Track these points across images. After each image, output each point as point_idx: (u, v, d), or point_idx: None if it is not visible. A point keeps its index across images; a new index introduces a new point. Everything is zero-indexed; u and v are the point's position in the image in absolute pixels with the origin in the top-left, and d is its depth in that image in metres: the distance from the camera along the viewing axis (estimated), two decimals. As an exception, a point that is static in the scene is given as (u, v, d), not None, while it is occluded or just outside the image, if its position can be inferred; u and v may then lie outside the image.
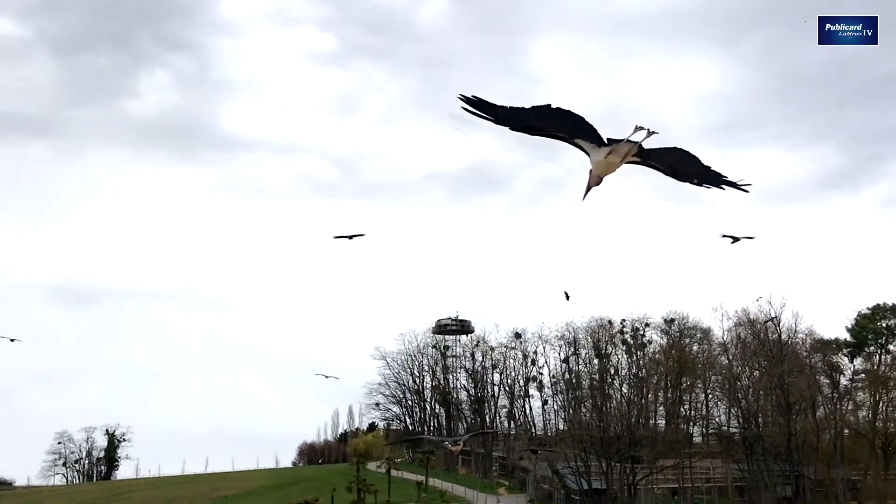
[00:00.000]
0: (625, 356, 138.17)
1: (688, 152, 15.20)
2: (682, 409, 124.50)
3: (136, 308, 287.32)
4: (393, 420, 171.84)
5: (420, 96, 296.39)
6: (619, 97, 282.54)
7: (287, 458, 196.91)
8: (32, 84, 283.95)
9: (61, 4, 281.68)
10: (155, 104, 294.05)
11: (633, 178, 15.62)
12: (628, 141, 14.72)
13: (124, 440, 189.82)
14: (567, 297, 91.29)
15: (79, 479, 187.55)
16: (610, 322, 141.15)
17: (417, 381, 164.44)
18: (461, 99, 14.53)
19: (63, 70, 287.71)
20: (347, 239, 50.37)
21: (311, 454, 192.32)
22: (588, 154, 15.50)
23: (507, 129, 15.15)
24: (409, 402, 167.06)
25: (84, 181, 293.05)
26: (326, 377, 49.79)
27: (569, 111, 14.59)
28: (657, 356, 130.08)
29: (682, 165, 15.40)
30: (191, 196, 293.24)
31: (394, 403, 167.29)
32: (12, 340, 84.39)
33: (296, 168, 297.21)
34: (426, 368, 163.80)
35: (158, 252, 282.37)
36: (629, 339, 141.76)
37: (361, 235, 50.59)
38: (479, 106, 14.70)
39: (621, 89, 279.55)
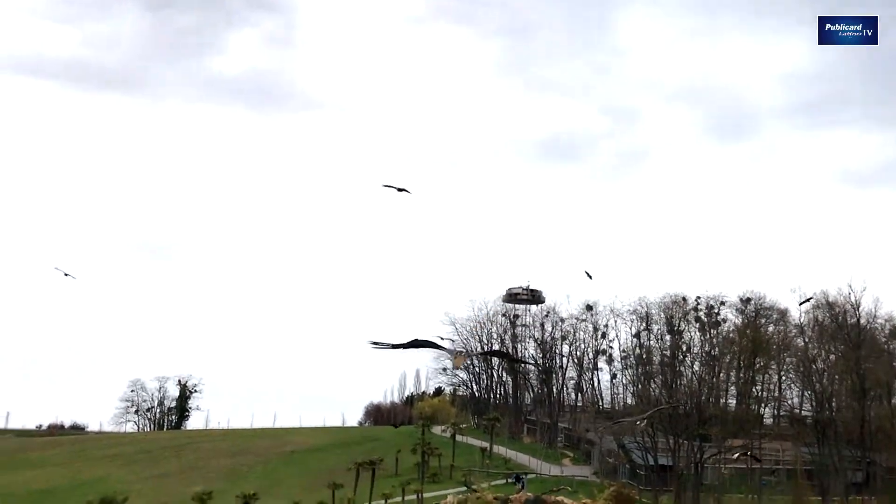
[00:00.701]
0: (697, 333, 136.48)
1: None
2: (753, 390, 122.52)
3: (212, 262, 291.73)
4: (460, 386, 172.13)
5: (502, 63, 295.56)
6: (702, 73, 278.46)
7: (353, 419, 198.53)
8: (121, 37, 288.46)
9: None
10: (240, 62, 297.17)
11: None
12: (462, 352, 30.77)
13: (196, 391, 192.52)
14: (589, 278, 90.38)
15: (150, 427, 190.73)
16: (684, 298, 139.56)
17: (486, 349, 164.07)
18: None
19: (152, 25, 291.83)
20: (396, 190, 50.79)
21: (377, 415, 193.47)
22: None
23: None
24: (477, 369, 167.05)
25: (165, 135, 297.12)
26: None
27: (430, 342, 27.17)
28: (731, 335, 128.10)
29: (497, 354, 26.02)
30: (268, 153, 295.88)
31: (461, 369, 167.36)
32: (66, 275, 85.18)
33: (372, 130, 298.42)
34: (495, 336, 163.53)
35: (235, 207, 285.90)
36: (703, 317, 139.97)
37: (407, 192, 50.96)
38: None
39: (705, 66, 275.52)
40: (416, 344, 26.08)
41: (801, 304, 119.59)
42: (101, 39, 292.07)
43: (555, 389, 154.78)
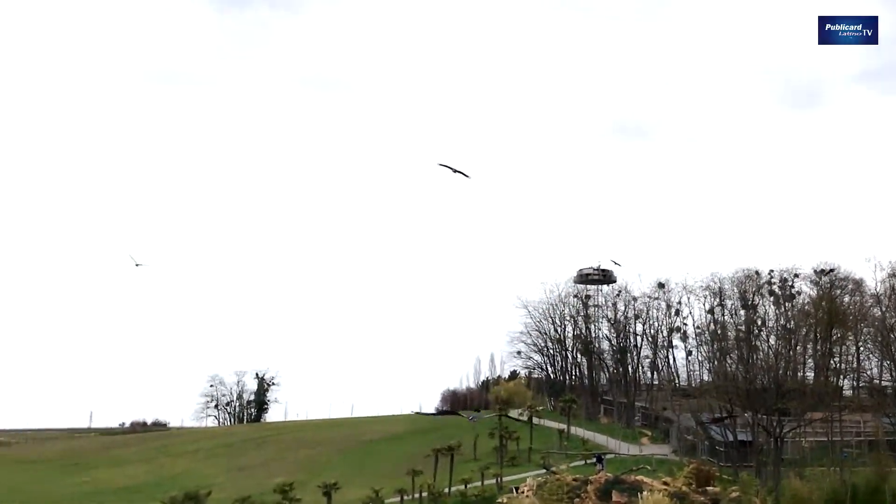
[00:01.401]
0: (772, 307, 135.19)
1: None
2: (832, 362, 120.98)
3: (286, 253, 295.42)
4: (535, 368, 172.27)
5: (569, 38, 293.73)
6: (771, 41, 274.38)
7: (430, 405, 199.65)
8: (192, 35, 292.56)
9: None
10: (304, 57, 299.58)
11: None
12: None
13: (273, 384, 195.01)
14: (618, 265, 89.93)
15: (230, 420, 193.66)
16: (757, 272, 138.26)
17: (559, 330, 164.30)
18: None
19: (217, 20, 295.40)
20: (451, 171, 50.93)
21: (453, 401, 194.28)
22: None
23: None
24: (551, 351, 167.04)
25: (234, 127, 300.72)
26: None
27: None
28: (807, 307, 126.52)
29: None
30: (335, 141, 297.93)
31: (535, 352, 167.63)
32: (137, 265, 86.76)
33: (441, 111, 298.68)
34: (568, 318, 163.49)
35: (305, 196, 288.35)
36: (777, 290, 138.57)
37: (465, 175, 51.07)
38: None
39: (774, 34, 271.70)
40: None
41: None
42: (168, 38, 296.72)
43: (630, 369, 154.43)
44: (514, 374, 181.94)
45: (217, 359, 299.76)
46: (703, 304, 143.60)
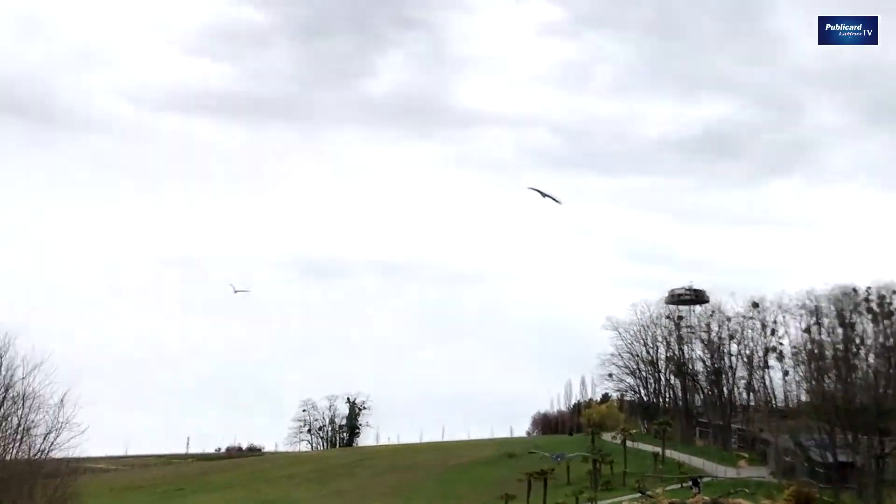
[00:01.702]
0: (870, 325, 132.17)
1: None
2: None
3: (375, 281, 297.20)
4: (627, 391, 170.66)
5: (650, 64, 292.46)
6: (862, 55, 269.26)
7: (521, 429, 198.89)
8: (275, 68, 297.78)
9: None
10: (391, 83, 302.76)
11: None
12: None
13: (365, 408, 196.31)
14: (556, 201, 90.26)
15: (322, 445, 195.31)
16: (854, 290, 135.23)
17: (651, 352, 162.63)
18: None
19: (303, 54, 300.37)
20: (540, 195, 51.03)
21: (544, 425, 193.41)
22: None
23: None
24: (643, 373, 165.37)
25: (324, 159, 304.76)
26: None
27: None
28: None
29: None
30: (427, 170, 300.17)
31: (627, 374, 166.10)
32: (236, 291, 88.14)
33: (526, 140, 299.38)
34: (660, 339, 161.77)
35: (393, 221, 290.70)
36: (875, 308, 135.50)
37: (556, 200, 51.03)
38: None
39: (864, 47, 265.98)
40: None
41: None
42: (255, 72, 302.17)
43: (725, 390, 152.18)
44: (606, 397, 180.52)
45: (310, 384, 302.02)
46: (800, 323, 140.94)
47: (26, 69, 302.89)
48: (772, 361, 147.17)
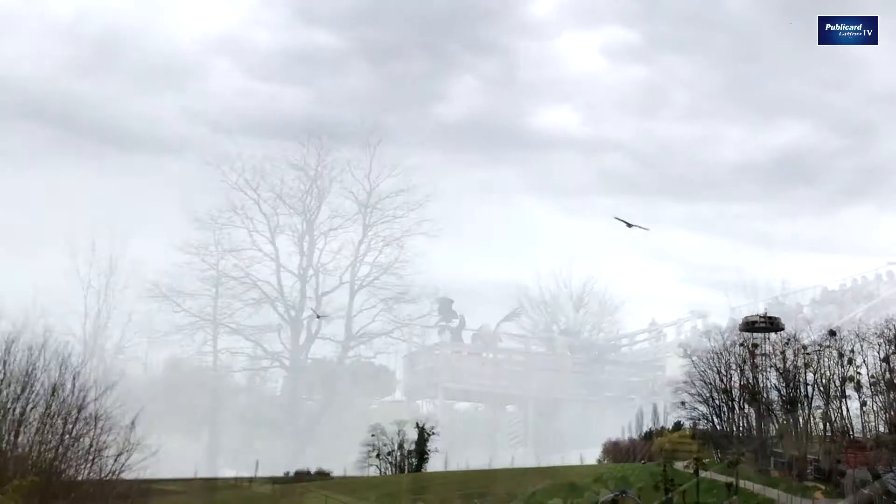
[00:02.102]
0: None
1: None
2: None
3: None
4: (700, 419, 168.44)
5: (726, 89, 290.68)
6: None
7: (591, 456, 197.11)
8: (351, 92, 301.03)
9: (376, 15, 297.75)
10: (464, 107, 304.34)
11: None
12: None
13: (433, 433, 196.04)
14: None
15: (391, 470, 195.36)
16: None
17: (725, 380, 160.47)
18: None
19: (378, 77, 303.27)
20: (626, 225, 50.95)
21: (615, 453, 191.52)
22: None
23: None
24: (717, 402, 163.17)
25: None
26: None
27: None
28: None
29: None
30: (500, 196, 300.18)
31: (700, 402, 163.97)
32: (318, 317, 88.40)
33: (601, 165, 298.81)
34: (734, 367, 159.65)
35: (471, 251, 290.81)
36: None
37: (643, 228, 50.82)
38: None
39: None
40: None
41: None
42: (332, 96, 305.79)
43: (801, 419, 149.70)
44: (678, 426, 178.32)
45: (378, 409, 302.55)
46: (878, 352, 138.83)
47: (102, 92, 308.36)
48: (849, 391, 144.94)
